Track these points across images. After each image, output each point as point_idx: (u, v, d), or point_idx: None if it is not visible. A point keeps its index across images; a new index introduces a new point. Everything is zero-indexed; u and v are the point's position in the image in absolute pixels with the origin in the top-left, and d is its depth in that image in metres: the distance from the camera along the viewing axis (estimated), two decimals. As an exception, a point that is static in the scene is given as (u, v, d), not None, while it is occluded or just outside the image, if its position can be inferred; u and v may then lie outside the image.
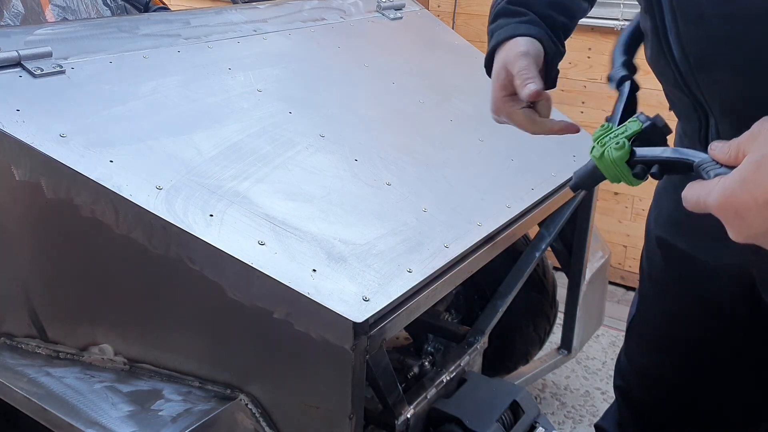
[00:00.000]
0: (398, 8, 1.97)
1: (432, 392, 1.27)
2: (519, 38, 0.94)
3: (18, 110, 1.08)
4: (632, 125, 0.75)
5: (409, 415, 1.18)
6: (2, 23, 1.96)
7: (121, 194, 1.00)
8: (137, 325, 1.10)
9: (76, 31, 1.32)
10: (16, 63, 1.16)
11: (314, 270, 0.98)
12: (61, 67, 1.20)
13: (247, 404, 1.02)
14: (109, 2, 2.21)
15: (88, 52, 1.27)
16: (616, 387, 1.22)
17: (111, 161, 1.06)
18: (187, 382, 1.07)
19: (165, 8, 2.33)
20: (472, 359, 1.40)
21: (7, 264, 1.16)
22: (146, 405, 1.02)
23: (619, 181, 0.76)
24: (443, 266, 1.11)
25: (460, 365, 1.36)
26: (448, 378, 1.32)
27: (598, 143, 0.77)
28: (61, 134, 1.07)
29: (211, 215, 1.02)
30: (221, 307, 1.00)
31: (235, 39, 1.53)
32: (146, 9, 2.30)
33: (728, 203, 0.59)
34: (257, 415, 1.02)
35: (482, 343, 1.44)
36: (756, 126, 0.60)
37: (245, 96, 1.36)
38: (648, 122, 0.74)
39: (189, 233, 0.98)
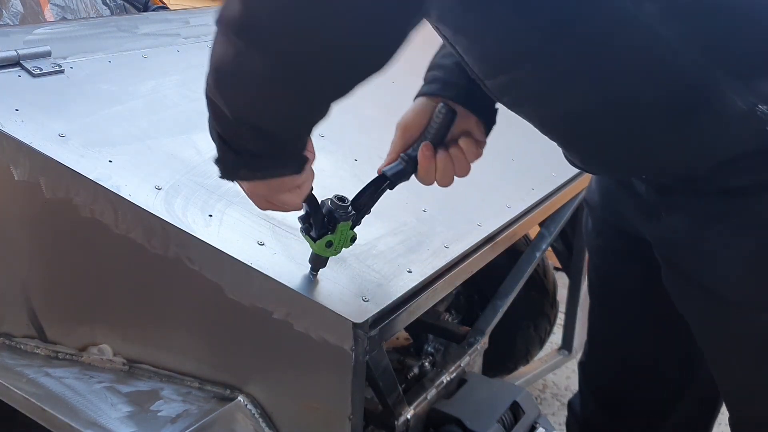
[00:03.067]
0: (398, 8, 1.96)
1: (432, 393, 1.27)
2: (416, 101, 0.98)
3: (17, 110, 1.08)
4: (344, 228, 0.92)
5: (409, 416, 1.18)
6: (1, 22, 1.96)
7: (120, 194, 1.00)
8: (136, 325, 1.10)
9: (75, 30, 1.32)
10: (15, 62, 1.16)
11: (314, 270, 0.98)
12: (60, 66, 1.20)
13: (246, 405, 1.02)
14: (108, 2, 2.21)
15: (87, 52, 1.27)
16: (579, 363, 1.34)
17: (110, 161, 1.06)
18: (187, 383, 1.06)
19: (164, 7, 2.33)
20: (472, 360, 1.40)
21: (6, 264, 1.16)
22: (145, 405, 1.02)
23: (340, 250, 0.94)
24: (443, 266, 1.11)
25: (460, 366, 1.36)
26: (448, 378, 1.32)
27: (334, 249, 0.94)
28: (60, 134, 1.07)
29: (211, 215, 1.02)
30: (220, 307, 0.99)
31: (234, 38, 1.53)
32: (145, 8, 2.30)
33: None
34: (257, 415, 1.02)
35: (482, 343, 1.44)
36: None
37: (245, 96, 1.35)
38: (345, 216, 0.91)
39: (188, 233, 0.97)
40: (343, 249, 0.95)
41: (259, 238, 1.00)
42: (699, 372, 1.19)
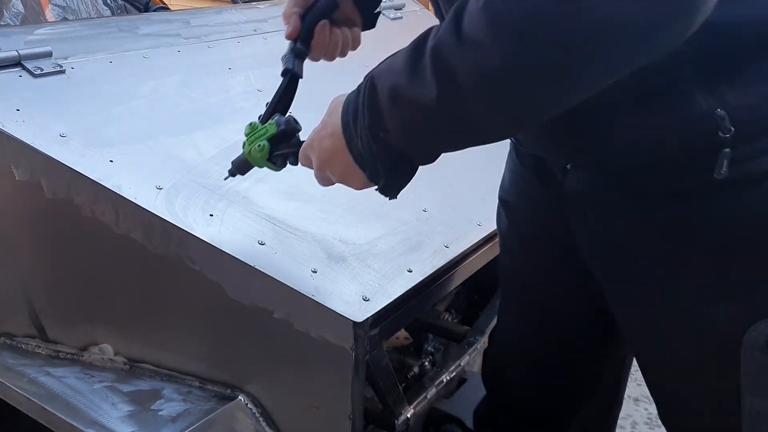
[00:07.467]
0: (398, 8, 1.97)
1: (432, 392, 1.27)
2: None
3: (18, 110, 1.08)
4: (271, 128, 0.94)
5: (409, 415, 1.18)
6: (2, 23, 1.96)
7: (121, 194, 1.00)
8: (137, 324, 1.10)
9: (76, 30, 1.33)
10: (16, 63, 1.16)
11: (314, 270, 0.98)
12: (61, 66, 1.20)
13: (247, 404, 1.02)
14: (109, 2, 2.21)
15: (88, 52, 1.27)
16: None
17: (111, 161, 1.06)
18: (187, 382, 1.07)
19: (165, 8, 2.33)
20: (472, 359, 1.40)
21: (8, 264, 1.16)
22: (146, 405, 1.02)
23: (265, 167, 0.96)
24: (443, 266, 1.11)
25: (460, 365, 1.36)
26: (448, 378, 1.32)
27: (247, 142, 0.96)
28: (61, 134, 1.07)
29: (211, 215, 1.02)
30: (221, 307, 1.00)
31: (235, 39, 1.53)
32: (146, 9, 2.30)
33: (304, 151, 0.89)
34: (257, 414, 1.02)
35: (482, 343, 1.44)
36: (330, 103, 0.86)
37: (245, 96, 1.36)
38: (282, 125, 0.93)
39: (189, 233, 0.98)
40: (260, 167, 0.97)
41: (260, 238, 1.01)
42: (606, 374, 1.20)
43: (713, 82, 0.75)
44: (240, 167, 1.00)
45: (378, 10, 1.04)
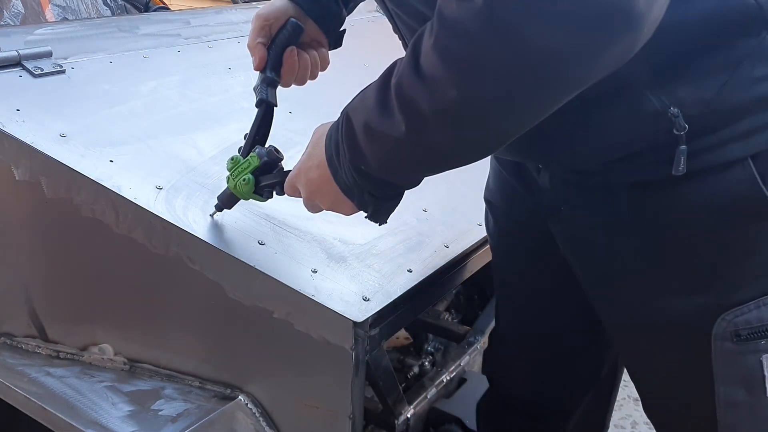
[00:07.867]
0: (398, 8, 1.97)
1: (432, 392, 1.27)
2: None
3: (18, 110, 1.08)
4: (253, 160, 0.95)
5: (409, 415, 1.18)
6: (2, 23, 1.96)
7: (121, 194, 1.00)
8: (137, 324, 1.10)
9: (76, 30, 1.33)
10: (16, 63, 1.16)
11: (314, 270, 0.98)
12: (61, 66, 1.20)
13: (247, 404, 1.02)
14: (109, 2, 2.21)
15: (88, 52, 1.27)
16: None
17: (111, 161, 1.06)
18: (187, 382, 1.07)
19: (165, 8, 2.33)
20: (472, 359, 1.40)
21: (7, 264, 1.16)
22: (146, 405, 1.02)
23: (252, 200, 0.99)
24: (443, 266, 1.11)
25: (460, 365, 1.36)
26: (448, 378, 1.32)
27: (231, 176, 0.97)
28: (61, 134, 1.07)
29: (212, 215, 1.02)
30: (221, 307, 1.00)
31: (235, 39, 1.53)
32: (146, 9, 2.30)
33: (290, 182, 0.90)
34: (257, 414, 1.02)
35: (482, 343, 1.44)
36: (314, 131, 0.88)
37: (245, 96, 1.36)
38: (265, 157, 0.95)
39: (189, 233, 0.98)
40: (254, 200, 0.99)
41: (260, 238, 1.01)
42: (604, 367, 1.21)
43: (664, 81, 0.76)
44: (226, 202, 1.01)
45: (343, 28, 1.05)
